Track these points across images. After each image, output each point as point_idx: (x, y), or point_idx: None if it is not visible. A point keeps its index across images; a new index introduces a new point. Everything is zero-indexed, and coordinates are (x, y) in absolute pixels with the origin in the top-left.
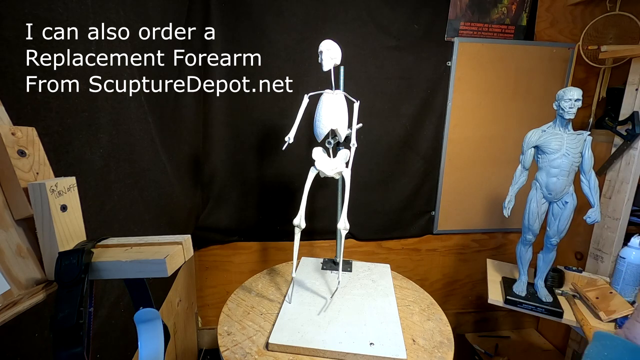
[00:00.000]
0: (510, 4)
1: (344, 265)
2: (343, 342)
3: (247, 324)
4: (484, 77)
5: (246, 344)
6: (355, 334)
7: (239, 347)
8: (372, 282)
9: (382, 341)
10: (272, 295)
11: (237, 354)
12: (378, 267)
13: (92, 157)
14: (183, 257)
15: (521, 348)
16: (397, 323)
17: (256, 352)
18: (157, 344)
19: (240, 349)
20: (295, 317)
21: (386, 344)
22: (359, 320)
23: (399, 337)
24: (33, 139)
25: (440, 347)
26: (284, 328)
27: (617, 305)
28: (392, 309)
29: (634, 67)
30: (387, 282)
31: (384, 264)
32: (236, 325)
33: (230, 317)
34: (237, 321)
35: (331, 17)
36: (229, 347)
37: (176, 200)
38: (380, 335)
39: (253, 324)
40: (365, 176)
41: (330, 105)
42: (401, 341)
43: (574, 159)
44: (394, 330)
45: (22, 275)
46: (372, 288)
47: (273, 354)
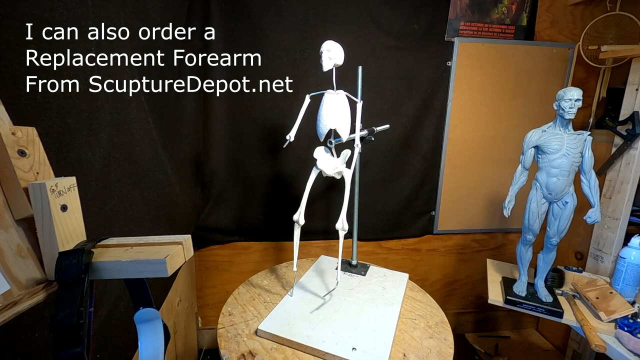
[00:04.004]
0: (511, 4)
1: (359, 268)
2: (326, 342)
3: (249, 308)
4: (484, 77)
5: (241, 326)
6: (341, 337)
7: (233, 327)
8: (382, 289)
9: (366, 348)
10: (280, 289)
11: (230, 334)
12: (395, 275)
13: (92, 157)
14: (183, 257)
15: (521, 348)
16: (391, 334)
17: (246, 335)
18: (157, 344)
19: (234, 329)
20: (291, 310)
21: (369, 352)
22: (352, 324)
23: (385, 348)
24: (33, 139)
25: None
26: (277, 318)
27: (617, 305)
28: (391, 319)
29: (634, 67)
30: (398, 291)
31: (404, 272)
32: (239, 308)
33: (237, 300)
34: (242, 304)
35: (331, 17)
36: (225, 326)
37: (176, 200)
38: (366, 342)
39: (254, 309)
40: (365, 176)
41: (331, 105)
42: (387, 352)
43: (574, 159)
44: (383, 340)
45: (22, 275)
46: (380, 295)
47: (259, 340)
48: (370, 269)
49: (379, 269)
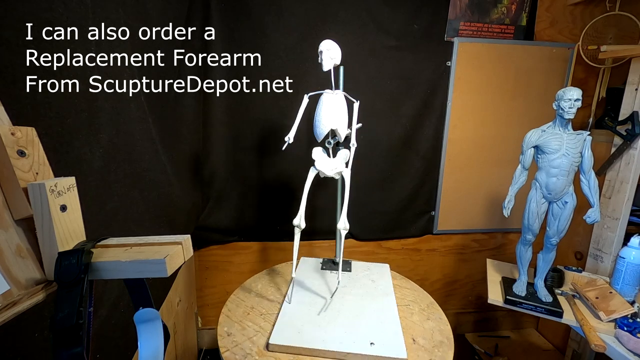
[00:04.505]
0: (510, 4)
1: (343, 265)
2: (344, 342)
3: (247, 324)
4: (484, 77)
5: (246, 344)
6: (356, 334)
7: (239, 347)
8: (372, 282)
9: (383, 341)
10: (271, 296)
11: (238, 355)
12: (377, 267)
13: (92, 157)
14: (183, 257)
15: (521, 348)
16: (397, 323)
17: (256, 352)
18: (157, 344)
19: (240, 349)
20: (296, 317)
21: (387, 344)
22: (359, 320)
23: (399, 337)
24: (33, 139)
25: (440, 346)
26: (284, 328)
27: (617, 305)
28: (392, 309)
29: (633, 67)
30: (386, 281)
31: (383, 263)
32: (236, 326)
33: (230, 317)
34: (237, 322)
35: (331, 17)
36: (229, 348)
37: (176, 200)
38: (380, 335)
39: (253, 324)
40: (365, 176)
41: (330, 105)
42: (401, 341)
43: (573, 159)
44: (394, 330)
45: (22, 275)
46: (372, 288)
47: (274, 355)
48: (353, 264)
49: (361, 263)
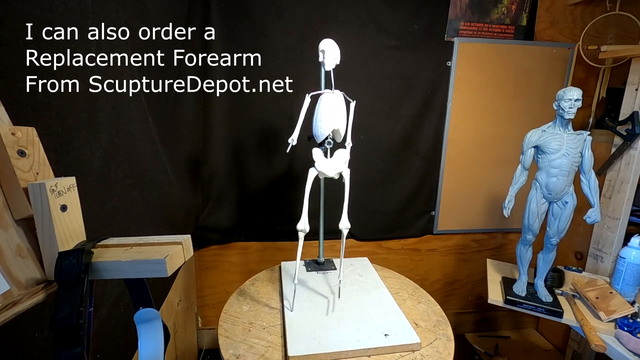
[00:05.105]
0: (510, 4)
1: (327, 264)
2: (360, 340)
3: (253, 341)
4: (484, 77)
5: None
6: (368, 329)
7: None
8: (360, 277)
9: (394, 331)
10: (265, 308)
11: None
12: (358, 261)
13: (92, 157)
14: (183, 257)
15: (521, 348)
16: (399, 311)
17: None
18: (157, 344)
19: None
20: (303, 324)
21: (398, 333)
22: (365, 315)
23: (406, 324)
24: (33, 139)
25: (438, 325)
26: (298, 338)
27: (617, 305)
28: (388, 299)
29: (633, 67)
30: (372, 274)
31: (362, 257)
32: (242, 346)
33: (231, 338)
34: (241, 341)
35: (331, 17)
36: None
37: (176, 200)
38: (389, 326)
39: (260, 340)
40: (365, 176)
41: (331, 105)
42: (410, 327)
43: (573, 159)
44: (399, 319)
45: (22, 275)
46: (363, 282)
47: None
48: (335, 261)
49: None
